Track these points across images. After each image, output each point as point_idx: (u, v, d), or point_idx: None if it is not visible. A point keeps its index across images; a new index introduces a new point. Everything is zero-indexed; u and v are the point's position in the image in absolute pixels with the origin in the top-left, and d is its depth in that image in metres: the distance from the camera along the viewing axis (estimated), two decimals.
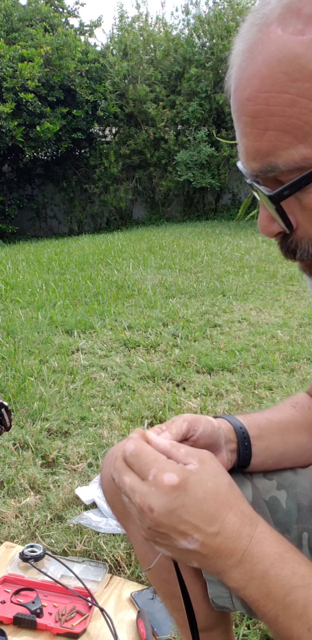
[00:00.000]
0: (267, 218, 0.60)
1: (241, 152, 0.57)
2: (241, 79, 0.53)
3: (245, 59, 0.53)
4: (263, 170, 0.55)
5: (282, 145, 0.52)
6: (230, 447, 0.76)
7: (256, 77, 0.51)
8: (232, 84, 0.55)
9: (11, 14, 12.08)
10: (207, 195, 12.78)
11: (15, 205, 11.91)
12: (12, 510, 1.76)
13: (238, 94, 0.54)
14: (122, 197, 12.63)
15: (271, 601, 0.56)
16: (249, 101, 0.52)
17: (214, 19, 12.10)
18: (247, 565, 0.57)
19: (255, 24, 0.53)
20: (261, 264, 6.00)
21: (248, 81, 0.52)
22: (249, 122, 0.53)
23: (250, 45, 0.53)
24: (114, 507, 0.89)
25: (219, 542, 0.58)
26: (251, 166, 0.56)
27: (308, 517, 0.77)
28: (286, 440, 0.80)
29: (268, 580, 0.56)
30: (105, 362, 3.09)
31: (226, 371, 2.92)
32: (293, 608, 0.55)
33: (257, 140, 0.53)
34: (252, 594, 0.57)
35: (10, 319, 3.96)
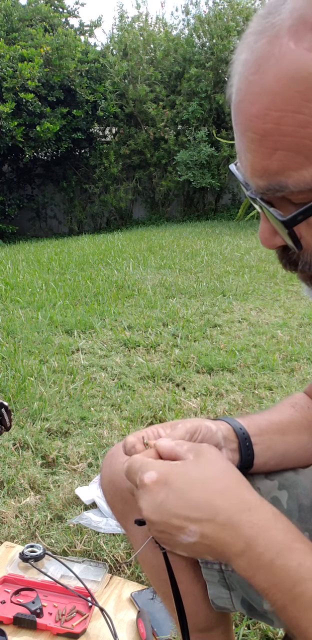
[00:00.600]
0: (269, 231, 0.59)
1: (244, 166, 0.55)
2: (248, 92, 0.51)
3: (253, 72, 0.50)
4: (270, 189, 0.53)
5: (293, 166, 0.50)
6: (231, 446, 0.76)
7: (265, 94, 0.49)
8: (236, 93, 0.53)
9: (11, 14, 12.08)
10: (207, 195, 12.78)
11: (15, 205, 11.91)
12: (12, 510, 1.76)
13: (244, 107, 0.51)
14: (122, 197, 12.63)
15: (279, 591, 0.56)
16: (258, 118, 0.50)
17: (214, 19, 12.10)
18: (252, 553, 0.57)
19: (264, 34, 0.49)
20: (261, 264, 6.00)
21: (256, 96, 0.50)
22: (256, 140, 0.51)
23: (259, 57, 0.49)
24: (113, 507, 0.89)
25: (218, 530, 0.58)
26: (257, 183, 0.54)
27: (309, 517, 0.77)
28: (287, 441, 0.80)
29: (275, 570, 0.56)
30: (105, 362, 3.09)
31: (226, 371, 2.92)
32: (301, 600, 0.55)
33: (265, 159, 0.51)
34: (261, 583, 0.57)
35: (10, 319, 3.96)
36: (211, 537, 0.58)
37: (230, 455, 0.75)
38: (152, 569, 0.88)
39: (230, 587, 0.78)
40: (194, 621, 0.86)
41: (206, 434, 0.72)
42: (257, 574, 0.57)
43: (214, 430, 0.73)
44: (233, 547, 0.58)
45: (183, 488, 0.59)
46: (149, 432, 0.73)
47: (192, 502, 0.59)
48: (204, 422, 0.73)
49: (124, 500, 0.84)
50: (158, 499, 0.59)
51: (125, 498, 0.84)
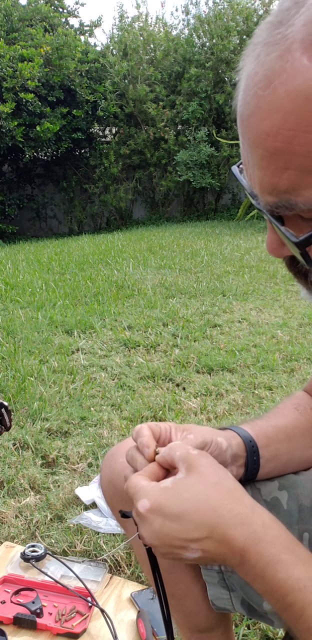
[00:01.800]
0: (277, 242, 0.58)
1: (253, 181, 0.54)
2: (258, 108, 0.49)
3: (263, 87, 0.48)
4: (280, 206, 0.52)
5: (304, 185, 0.49)
6: (238, 462, 0.75)
7: (277, 112, 0.47)
8: (244, 106, 0.51)
9: (11, 14, 12.08)
10: (207, 195, 12.78)
11: (15, 205, 11.91)
12: (12, 510, 1.76)
13: (253, 123, 0.50)
14: (122, 197, 12.63)
15: (273, 599, 0.58)
16: (269, 136, 0.48)
17: (214, 19, 12.10)
18: (247, 564, 0.59)
19: (275, 46, 0.47)
20: (261, 264, 6.00)
21: (267, 113, 0.48)
22: (266, 157, 0.50)
23: (269, 72, 0.47)
24: (113, 507, 0.89)
25: (216, 545, 0.60)
26: (266, 199, 0.53)
27: (309, 517, 0.77)
28: (292, 448, 0.79)
29: (266, 580, 0.58)
30: (105, 362, 3.09)
31: (226, 371, 2.92)
32: (292, 609, 0.57)
33: (275, 177, 0.50)
34: (259, 589, 0.60)
35: (10, 319, 3.95)
36: (212, 552, 0.60)
37: (235, 471, 0.75)
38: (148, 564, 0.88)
39: (230, 588, 0.78)
40: (194, 622, 0.86)
41: (214, 452, 0.72)
42: (254, 582, 0.60)
43: (223, 448, 0.73)
44: (232, 560, 0.60)
45: (177, 513, 0.60)
46: (163, 428, 0.72)
47: (188, 525, 0.60)
48: (215, 438, 0.72)
49: (124, 500, 0.84)
50: (155, 527, 0.60)
51: (125, 498, 0.83)
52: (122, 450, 0.85)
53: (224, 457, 0.73)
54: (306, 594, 0.56)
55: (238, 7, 12.04)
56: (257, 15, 11.94)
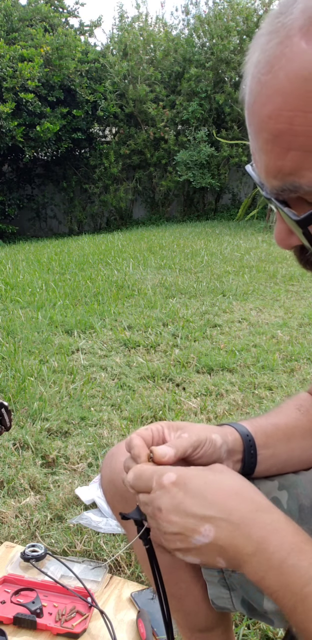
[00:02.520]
0: (285, 231, 0.59)
1: (259, 167, 0.55)
2: (261, 93, 0.51)
3: (265, 72, 0.50)
4: (285, 189, 0.53)
5: (307, 165, 0.50)
6: (235, 458, 0.76)
7: (278, 94, 0.49)
8: (249, 96, 0.53)
9: (11, 14, 12.08)
10: (207, 195, 12.78)
11: (15, 205, 11.91)
12: (12, 510, 1.76)
13: (257, 108, 0.52)
14: (122, 197, 12.63)
15: (290, 592, 0.57)
16: (271, 119, 0.50)
17: (214, 19, 12.10)
18: (264, 554, 0.58)
19: (275, 34, 0.50)
20: (261, 264, 6.00)
21: (269, 98, 0.50)
22: (270, 140, 0.51)
23: (270, 58, 0.49)
24: (114, 507, 0.89)
25: (231, 529, 0.59)
26: (271, 183, 0.54)
27: (309, 517, 0.77)
28: (291, 447, 0.79)
29: (286, 570, 0.57)
30: (105, 362, 3.09)
31: (226, 371, 2.92)
32: (310, 600, 0.55)
33: (279, 159, 0.51)
34: (271, 585, 0.58)
35: (10, 319, 3.96)
36: (224, 538, 0.60)
37: (231, 465, 0.75)
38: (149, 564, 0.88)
39: (230, 587, 0.78)
40: (194, 621, 0.86)
41: (208, 449, 0.72)
42: (267, 575, 0.58)
43: (218, 445, 0.73)
44: (245, 548, 0.59)
45: (200, 488, 0.62)
46: (155, 430, 0.72)
47: (207, 501, 0.61)
48: (210, 436, 0.73)
49: (124, 499, 0.84)
50: (177, 498, 0.61)
51: (126, 498, 0.83)
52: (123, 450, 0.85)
53: (218, 453, 0.73)
54: None
55: (238, 7, 12.03)
56: (257, 15, 11.94)
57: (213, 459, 0.73)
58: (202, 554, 0.62)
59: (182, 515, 0.61)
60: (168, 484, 0.62)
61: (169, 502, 0.61)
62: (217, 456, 0.73)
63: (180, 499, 0.61)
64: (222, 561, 0.61)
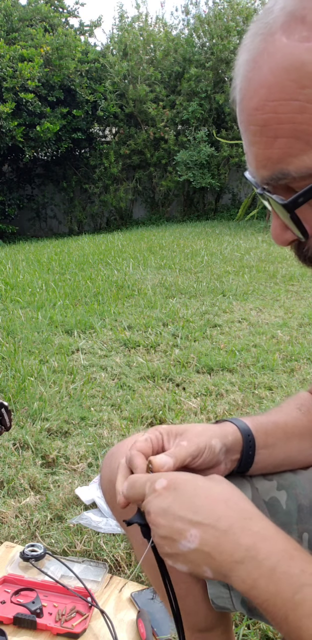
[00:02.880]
0: (280, 226, 0.59)
1: (250, 161, 0.56)
2: (247, 89, 0.53)
3: (250, 69, 0.52)
4: (274, 178, 0.54)
5: (294, 152, 0.51)
6: (233, 457, 0.76)
7: (262, 87, 0.51)
8: (238, 94, 0.55)
9: (11, 14, 12.08)
10: (207, 195, 12.78)
11: (15, 205, 11.91)
12: (12, 510, 1.76)
13: (245, 104, 0.54)
14: (122, 197, 12.63)
15: (280, 600, 0.55)
16: (257, 110, 0.52)
17: (214, 19, 12.10)
18: (253, 562, 0.57)
19: (259, 34, 0.52)
20: (261, 264, 6.00)
21: (255, 91, 0.52)
22: (257, 131, 0.53)
23: (255, 55, 0.52)
24: (113, 507, 0.89)
25: (218, 535, 0.59)
26: (262, 174, 0.56)
27: (308, 517, 0.77)
28: (290, 447, 0.79)
29: (276, 577, 0.56)
30: (105, 362, 3.09)
31: (226, 371, 2.92)
32: (303, 607, 0.54)
33: (267, 148, 0.53)
34: (261, 593, 0.56)
35: (10, 319, 3.96)
36: (211, 544, 0.59)
37: (229, 464, 0.76)
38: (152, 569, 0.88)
39: (230, 587, 0.78)
40: (194, 621, 0.86)
41: (207, 458, 0.72)
42: (257, 584, 0.57)
43: (216, 451, 0.73)
44: (233, 555, 0.58)
45: (189, 493, 0.62)
46: (154, 439, 0.72)
47: (195, 506, 0.61)
48: (209, 442, 0.73)
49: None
50: (165, 502, 0.62)
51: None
52: (123, 449, 0.85)
53: (216, 459, 0.74)
54: None
55: (238, 7, 12.04)
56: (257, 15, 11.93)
57: (210, 465, 0.73)
58: (189, 561, 0.61)
59: (169, 519, 0.61)
60: (160, 489, 0.63)
61: (158, 505, 0.62)
62: (215, 461, 0.73)
63: (169, 502, 0.62)
64: (208, 570, 0.60)
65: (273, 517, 0.77)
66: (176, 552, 0.61)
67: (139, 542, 0.86)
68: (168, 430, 0.74)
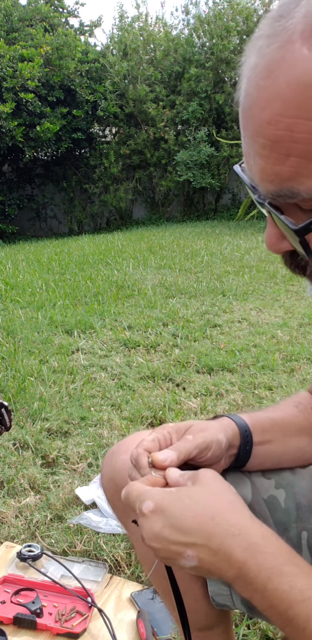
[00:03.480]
0: (276, 236, 0.58)
1: (253, 171, 0.54)
2: (259, 98, 0.50)
3: (264, 77, 0.49)
4: (281, 195, 0.53)
5: (306, 173, 0.49)
6: (231, 452, 0.76)
7: (277, 100, 0.48)
8: (246, 98, 0.52)
9: (11, 14, 12.08)
10: (207, 195, 12.77)
11: (15, 205, 11.90)
12: (12, 510, 1.76)
13: (254, 113, 0.51)
14: (122, 197, 12.63)
15: (275, 614, 0.57)
16: (270, 124, 0.49)
17: (214, 19, 12.09)
18: (245, 578, 0.57)
19: (275, 38, 0.48)
20: (261, 264, 6.00)
21: (268, 102, 0.49)
22: (267, 146, 0.50)
23: (270, 63, 0.49)
24: (114, 505, 0.89)
25: (211, 555, 0.59)
26: (267, 188, 0.53)
27: (307, 516, 0.77)
28: (287, 443, 0.80)
29: (268, 593, 0.56)
30: (105, 362, 3.09)
31: (226, 371, 2.92)
32: (296, 622, 0.55)
33: (277, 165, 0.50)
34: (258, 605, 0.58)
35: (10, 319, 3.96)
36: (208, 562, 0.59)
37: (227, 460, 0.76)
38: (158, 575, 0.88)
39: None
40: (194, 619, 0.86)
41: (216, 452, 0.72)
42: (253, 597, 0.58)
43: (223, 446, 0.73)
44: (227, 573, 0.58)
45: (176, 514, 0.61)
46: (162, 439, 0.72)
47: (186, 529, 0.60)
48: (216, 437, 0.73)
49: None
50: (156, 528, 0.61)
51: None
52: (123, 448, 0.86)
53: (223, 454, 0.74)
54: (310, 605, 0.55)
55: (238, 7, 12.03)
56: (257, 15, 11.93)
57: (218, 460, 0.73)
58: (194, 571, 0.62)
59: (163, 543, 0.60)
60: (147, 512, 0.61)
61: (149, 532, 0.61)
62: (222, 456, 0.74)
63: (158, 528, 0.61)
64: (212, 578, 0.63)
65: (272, 515, 0.77)
66: (180, 566, 0.62)
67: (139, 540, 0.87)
68: (176, 428, 0.74)
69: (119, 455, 0.86)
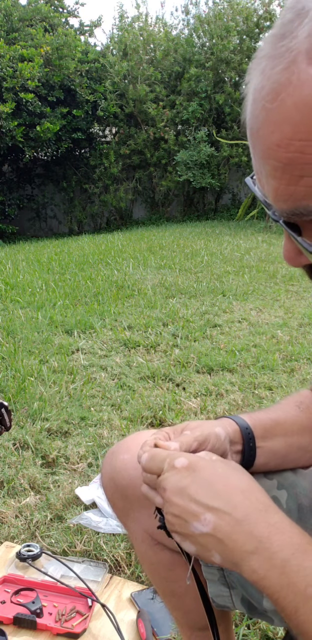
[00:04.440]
0: (294, 251, 0.58)
1: (267, 190, 0.54)
2: (267, 121, 0.50)
3: (270, 100, 0.49)
4: (296, 213, 0.53)
5: None
6: (235, 448, 0.77)
7: (286, 123, 0.48)
8: (253, 120, 0.52)
9: (11, 14, 12.08)
10: (207, 195, 12.77)
11: (15, 205, 11.91)
12: (12, 510, 1.76)
13: (263, 135, 0.51)
14: (122, 197, 12.63)
15: (292, 592, 0.56)
16: (280, 147, 0.49)
17: (214, 19, 12.10)
18: (266, 553, 0.58)
19: (280, 59, 0.48)
20: (261, 264, 6.00)
21: (276, 126, 0.49)
22: (279, 168, 0.50)
23: (276, 85, 0.48)
24: (114, 504, 0.89)
25: (233, 524, 0.59)
26: (281, 207, 0.54)
27: (309, 517, 0.77)
28: (290, 443, 0.80)
29: (289, 569, 0.56)
30: (105, 362, 3.09)
31: (226, 371, 2.92)
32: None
33: (291, 185, 0.51)
34: (272, 584, 0.57)
35: (10, 319, 3.96)
36: (224, 531, 0.60)
37: (234, 457, 0.76)
38: (151, 567, 0.89)
39: (230, 586, 0.78)
40: (194, 619, 0.87)
41: (215, 444, 0.73)
42: (269, 575, 0.57)
43: (222, 438, 0.75)
44: (245, 545, 0.59)
45: (208, 478, 0.63)
46: (160, 436, 0.74)
47: (213, 492, 0.61)
48: (214, 430, 0.74)
49: (124, 497, 0.85)
50: (183, 482, 0.62)
51: (125, 495, 0.84)
52: (123, 448, 0.86)
53: (223, 447, 0.75)
54: None
55: (238, 7, 12.03)
56: (257, 15, 11.94)
57: (219, 453, 0.74)
58: (199, 544, 0.62)
59: (185, 499, 0.62)
60: (179, 467, 0.63)
61: (175, 484, 0.63)
62: (223, 450, 0.75)
63: (186, 483, 0.62)
64: (217, 556, 0.61)
65: None
66: (187, 533, 0.62)
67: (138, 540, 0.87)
68: (173, 429, 0.76)
69: (119, 454, 0.86)
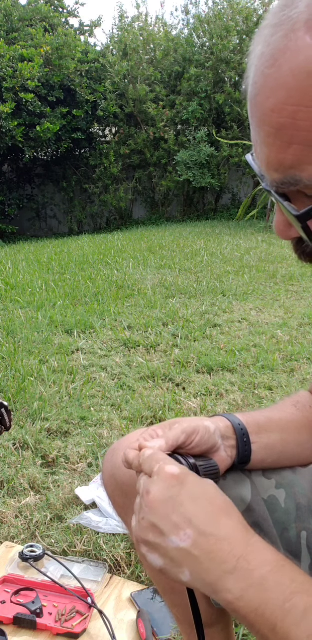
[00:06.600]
0: (284, 223, 0.59)
1: (260, 159, 0.55)
2: (264, 86, 0.51)
3: (269, 66, 0.50)
4: (285, 183, 0.54)
5: (308, 160, 0.50)
6: (229, 443, 0.76)
7: (281, 88, 0.49)
8: (252, 88, 0.53)
9: (11, 14, 12.07)
10: (207, 195, 12.77)
11: (15, 205, 11.91)
12: (12, 510, 1.76)
13: (260, 101, 0.52)
14: (122, 197, 12.63)
15: (270, 609, 0.55)
16: (274, 112, 0.50)
17: (214, 19, 12.09)
18: (243, 572, 0.56)
19: (280, 27, 0.49)
20: (261, 264, 6.00)
21: (272, 91, 0.50)
22: (272, 134, 0.51)
23: (275, 51, 0.49)
24: (114, 501, 0.90)
25: (213, 543, 0.58)
26: (272, 176, 0.55)
27: (307, 516, 0.77)
28: (286, 439, 0.80)
29: (267, 586, 0.56)
30: (105, 362, 3.09)
31: (226, 371, 2.92)
32: (292, 615, 0.54)
33: (281, 153, 0.51)
34: (249, 604, 0.56)
35: (10, 319, 3.96)
36: (203, 549, 0.58)
37: (229, 451, 0.76)
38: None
39: None
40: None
41: (204, 436, 0.73)
42: (246, 594, 0.56)
43: (212, 430, 0.74)
44: (224, 564, 0.57)
45: (196, 495, 0.61)
46: (147, 435, 0.73)
47: (199, 510, 0.60)
48: (202, 422, 0.74)
49: (125, 494, 0.85)
50: (170, 491, 0.61)
51: (126, 492, 0.84)
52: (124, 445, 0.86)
53: (213, 439, 0.74)
54: (309, 596, 0.55)
55: (238, 7, 12.03)
56: (257, 15, 11.93)
57: (209, 445, 0.74)
58: (169, 558, 0.60)
59: (168, 509, 0.60)
60: (168, 474, 0.62)
61: (162, 491, 0.61)
62: (213, 442, 0.74)
63: (173, 493, 0.61)
64: (187, 573, 0.59)
65: (272, 515, 0.78)
66: (159, 544, 0.60)
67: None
68: (162, 426, 0.75)
69: (120, 452, 0.86)
